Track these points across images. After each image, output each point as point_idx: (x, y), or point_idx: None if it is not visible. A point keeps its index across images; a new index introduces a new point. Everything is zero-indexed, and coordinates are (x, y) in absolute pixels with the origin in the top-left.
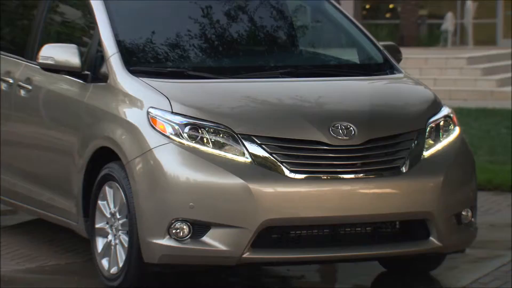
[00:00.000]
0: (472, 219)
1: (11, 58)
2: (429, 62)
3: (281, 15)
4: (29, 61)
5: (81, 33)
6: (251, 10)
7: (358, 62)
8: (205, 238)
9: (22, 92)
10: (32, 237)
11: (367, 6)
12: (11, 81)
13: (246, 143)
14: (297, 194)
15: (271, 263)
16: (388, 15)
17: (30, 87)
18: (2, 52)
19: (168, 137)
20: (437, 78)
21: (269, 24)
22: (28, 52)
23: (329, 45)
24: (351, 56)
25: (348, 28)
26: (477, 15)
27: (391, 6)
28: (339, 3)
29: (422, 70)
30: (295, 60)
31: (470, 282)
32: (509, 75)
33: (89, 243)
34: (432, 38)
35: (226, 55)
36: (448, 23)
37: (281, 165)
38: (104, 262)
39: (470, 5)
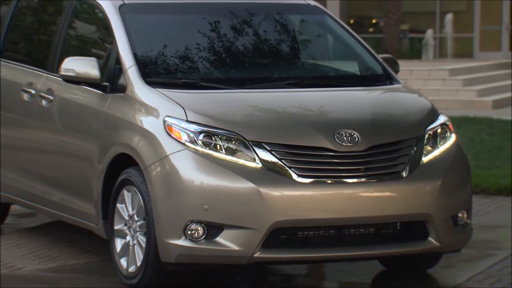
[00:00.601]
0: (468, 221)
1: (32, 70)
2: (414, 74)
3: (285, 29)
4: (50, 73)
5: (100, 46)
6: (257, 25)
7: (359, 73)
8: (219, 239)
9: (44, 102)
10: (51, 238)
11: (351, 21)
12: (33, 92)
13: (256, 150)
14: (304, 197)
15: (280, 262)
16: (371, 29)
17: (51, 98)
18: (22, 64)
19: (183, 144)
20: (421, 88)
21: (274, 38)
22: (49, 65)
23: (330, 57)
24: (352, 68)
25: (348, 41)
26: (455, 30)
27: (374, 21)
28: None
29: (407, 81)
30: (299, 71)
31: (465, 280)
32: (488, 85)
33: (106, 244)
34: (413, 51)
35: (235, 67)
36: (429, 37)
37: (289, 170)
38: (123, 262)
39: (449, 20)
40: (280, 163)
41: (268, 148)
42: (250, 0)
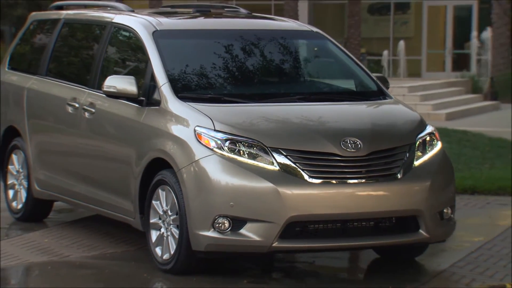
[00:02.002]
0: (452, 215)
1: (75, 87)
2: None
3: (295, 53)
4: (91, 89)
5: (136, 66)
6: (271, 49)
7: (357, 89)
8: (243, 231)
9: (87, 114)
10: (90, 230)
11: None
12: (76, 105)
13: (274, 154)
14: (315, 195)
15: (295, 251)
16: None
17: (93, 110)
18: (66, 82)
19: (211, 149)
20: None
21: (285, 60)
22: (90, 82)
23: (332, 76)
24: (350, 85)
25: (347, 62)
26: (406, 53)
27: None
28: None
29: None
30: (307, 88)
31: (449, 266)
32: (441, 100)
33: (138, 235)
34: (372, 71)
35: (253, 84)
36: (385, 59)
37: (302, 171)
38: (158, 250)
39: (402, 45)
40: (294, 166)
41: (284, 153)
42: (264, 28)
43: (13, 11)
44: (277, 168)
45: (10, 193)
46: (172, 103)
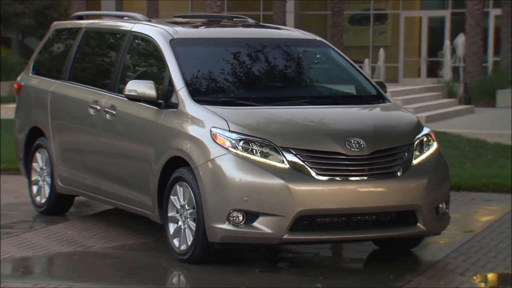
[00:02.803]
0: (446, 210)
1: (96, 91)
2: None
3: (300, 59)
4: (112, 93)
5: (154, 72)
6: (279, 55)
7: (358, 94)
8: (255, 224)
9: (108, 116)
10: (109, 223)
11: None
12: (98, 107)
13: (284, 153)
14: (322, 191)
15: (303, 242)
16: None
17: (114, 112)
18: (87, 86)
19: (226, 149)
20: None
21: (292, 66)
22: (111, 86)
23: (334, 81)
24: (352, 89)
25: (348, 69)
26: (385, 60)
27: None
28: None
29: None
30: (312, 92)
31: (443, 257)
32: (421, 104)
33: (153, 227)
34: None
35: (263, 88)
36: (366, 66)
37: (310, 169)
38: (175, 241)
39: (382, 53)
40: (303, 164)
41: (294, 152)
42: (272, 36)
43: (20, 20)
44: (287, 166)
45: (34, 188)
46: (189, 106)
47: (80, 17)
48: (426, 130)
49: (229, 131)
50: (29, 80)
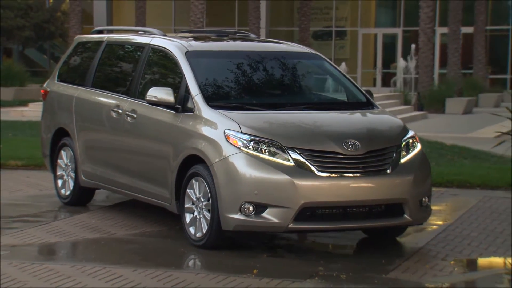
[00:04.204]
0: (429, 203)
1: (118, 96)
2: None
3: (300, 70)
4: (132, 98)
5: (171, 80)
6: (282, 67)
7: (350, 101)
8: (264, 214)
9: (129, 119)
10: (127, 213)
11: None
12: (120, 111)
13: (290, 152)
14: (322, 186)
15: (306, 231)
16: None
17: (135, 116)
18: (110, 92)
19: (239, 148)
20: None
21: (293, 76)
22: (132, 92)
23: (329, 90)
24: (344, 97)
25: (340, 78)
26: (345, 72)
27: None
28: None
29: None
30: (311, 99)
31: (425, 244)
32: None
33: (167, 217)
34: None
35: (268, 95)
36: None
37: (312, 167)
38: (191, 229)
39: (343, 66)
40: (306, 162)
41: (298, 152)
42: (275, 50)
43: (21, 32)
44: (292, 163)
45: (59, 182)
46: (205, 110)
47: (100, 32)
48: (411, 133)
49: (241, 132)
50: (54, 86)
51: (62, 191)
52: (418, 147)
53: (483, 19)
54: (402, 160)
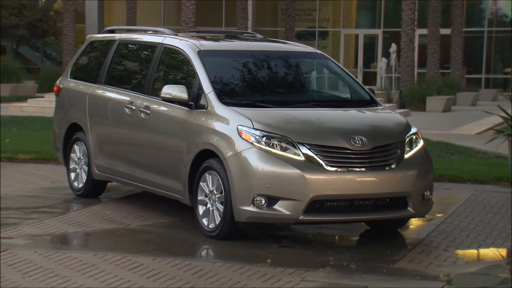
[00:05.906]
0: (430, 196)
1: (132, 93)
2: None
3: (307, 69)
4: (146, 95)
5: (184, 78)
6: (289, 65)
7: (354, 98)
8: (276, 206)
9: (143, 115)
10: (138, 205)
11: None
12: (133, 107)
13: (300, 147)
14: (330, 180)
15: (315, 223)
16: None
17: (148, 112)
18: (124, 89)
19: (251, 143)
20: None
21: (301, 74)
22: (145, 90)
23: (334, 88)
24: (348, 95)
25: (345, 77)
26: None
27: None
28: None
29: None
30: (318, 96)
31: (426, 236)
32: None
33: (178, 209)
34: None
35: (278, 93)
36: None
37: (321, 161)
38: (204, 221)
39: None
40: (315, 156)
41: (308, 147)
42: (282, 49)
43: (15, 31)
44: (302, 158)
45: (72, 175)
46: (218, 107)
47: (112, 31)
48: (414, 130)
49: (253, 128)
50: (67, 83)
51: (75, 183)
52: (421, 143)
53: (459, 21)
54: (406, 156)
